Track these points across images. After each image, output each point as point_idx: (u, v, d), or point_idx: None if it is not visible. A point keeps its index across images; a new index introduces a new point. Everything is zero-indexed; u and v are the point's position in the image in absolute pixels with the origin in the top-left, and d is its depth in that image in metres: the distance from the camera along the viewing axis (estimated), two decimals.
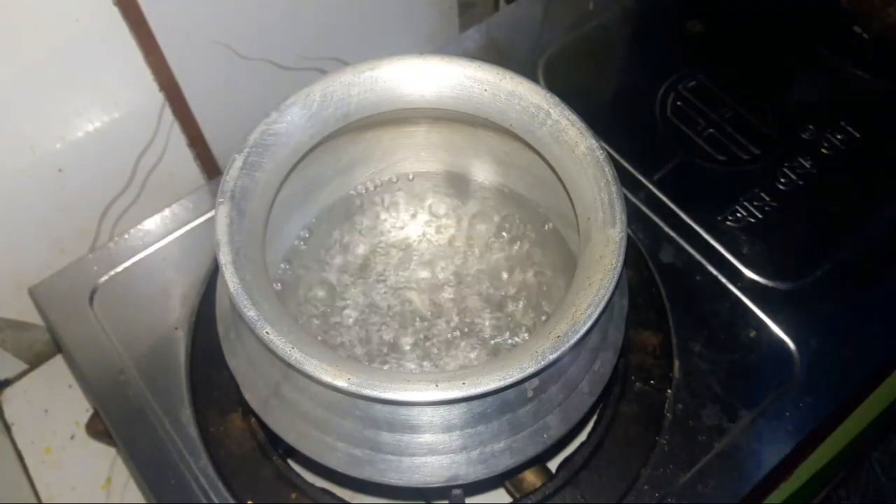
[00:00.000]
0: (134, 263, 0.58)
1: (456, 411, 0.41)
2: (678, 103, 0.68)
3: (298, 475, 0.50)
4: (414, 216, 0.59)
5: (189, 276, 0.58)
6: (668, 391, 0.53)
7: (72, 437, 0.64)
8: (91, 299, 0.57)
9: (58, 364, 0.68)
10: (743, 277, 0.58)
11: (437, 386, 0.37)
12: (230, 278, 0.40)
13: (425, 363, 0.53)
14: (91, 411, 0.61)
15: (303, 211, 0.56)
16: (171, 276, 0.58)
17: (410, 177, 0.59)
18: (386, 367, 0.53)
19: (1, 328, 0.65)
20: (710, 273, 0.58)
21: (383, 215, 0.58)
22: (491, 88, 0.48)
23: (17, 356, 0.68)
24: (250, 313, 0.39)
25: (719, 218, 0.61)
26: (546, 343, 0.38)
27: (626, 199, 0.46)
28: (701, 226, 0.60)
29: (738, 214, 0.61)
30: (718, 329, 0.56)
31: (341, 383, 0.37)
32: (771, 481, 0.51)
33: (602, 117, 0.65)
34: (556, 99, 0.47)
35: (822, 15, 0.75)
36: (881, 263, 0.59)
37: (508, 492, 0.52)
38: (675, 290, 0.57)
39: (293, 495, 0.50)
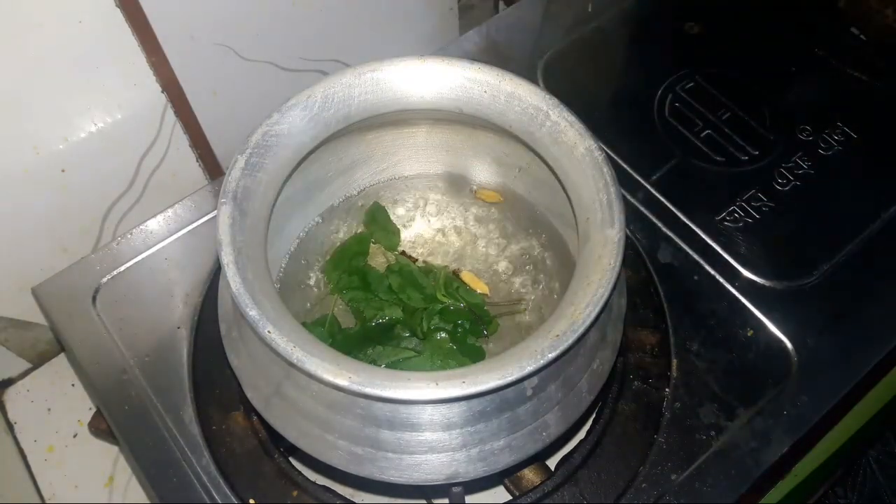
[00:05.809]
0: (136, 263, 0.59)
1: (456, 409, 0.41)
2: (676, 104, 0.68)
3: (300, 473, 0.51)
4: (414, 216, 0.59)
5: (191, 276, 0.58)
6: (667, 390, 0.53)
7: (74, 436, 0.64)
8: (94, 299, 0.57)
9: (61, 363, 0.69)
10: (740, 277, 0.58)
11: (437, 384, 0.38)
12: (232, 278, 0.40)
13: None
14: (94, 410, 0.61)
15: (304, 211, 0.56)
16: (173, 275, 0.58)
17: (411, 177, 0.60)
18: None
19: (4, 327, 0.66)
20: (708, 273, 0.59)
21: None
22: (491, 90, 0.48)
23: (20, 355, 0.68)
24: (252, 313, 0.39)
25: (717, 218, 0.61)
26: (545, 342, 0.39)
27: (625, 199, 0.46)
28: (699, 226, 0.61)
29: (736, 215, 0.61)
30: (716, 328, 0.56)
31: (342, 382, 0.37)
32: (768, 479, 0.51)
33: (601, 118, 0.66)
34: (556, 100, 0.47)
35: (820, 16, 0.75)
36: (877, 263, 0.59)
37: (508, 489, 0.52)
38: (673, 289, 0.58)
39: (294, 493, 0.50)
